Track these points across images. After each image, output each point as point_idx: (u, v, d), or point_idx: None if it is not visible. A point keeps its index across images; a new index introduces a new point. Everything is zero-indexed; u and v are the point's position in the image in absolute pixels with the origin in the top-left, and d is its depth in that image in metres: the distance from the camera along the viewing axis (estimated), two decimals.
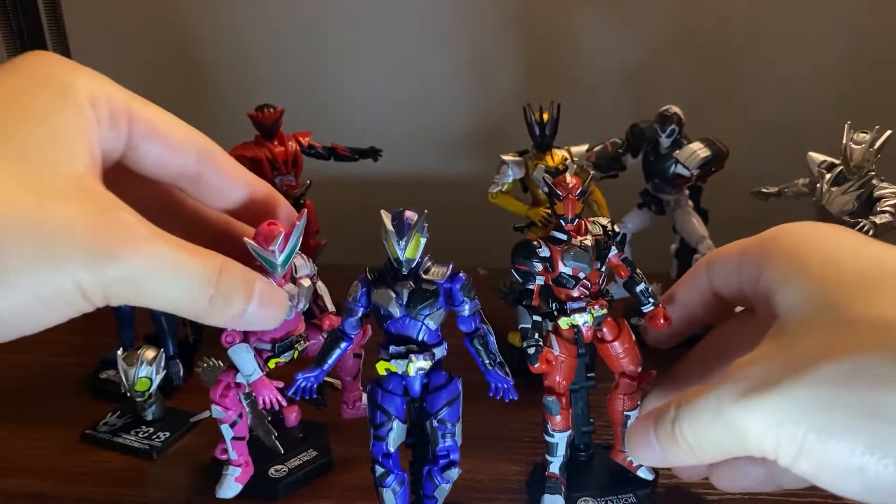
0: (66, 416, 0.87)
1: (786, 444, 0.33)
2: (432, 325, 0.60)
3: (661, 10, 1.25)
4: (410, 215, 0.58)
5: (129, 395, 0.83)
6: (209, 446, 0.81)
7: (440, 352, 0.61)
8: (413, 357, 0.59)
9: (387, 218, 0.58)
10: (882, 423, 0.30)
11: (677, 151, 0.89)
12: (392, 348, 0.60)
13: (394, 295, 0.59)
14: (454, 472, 0.63)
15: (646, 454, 0.43)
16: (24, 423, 0.87)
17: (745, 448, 0.35)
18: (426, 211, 0.58)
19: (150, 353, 0.81)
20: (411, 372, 0.59)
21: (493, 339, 0.62)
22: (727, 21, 1.25)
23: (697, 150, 0.88)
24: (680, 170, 0.89)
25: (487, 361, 0.61)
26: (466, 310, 0.61)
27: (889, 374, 0.31)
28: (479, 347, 0.62)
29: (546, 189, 0.64)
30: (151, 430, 0.83)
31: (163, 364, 0.83)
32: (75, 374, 0.94)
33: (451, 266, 0.60)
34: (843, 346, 0.33)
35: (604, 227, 0.66)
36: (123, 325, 0.93)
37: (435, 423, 0.61)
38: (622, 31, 1.28)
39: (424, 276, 0.59)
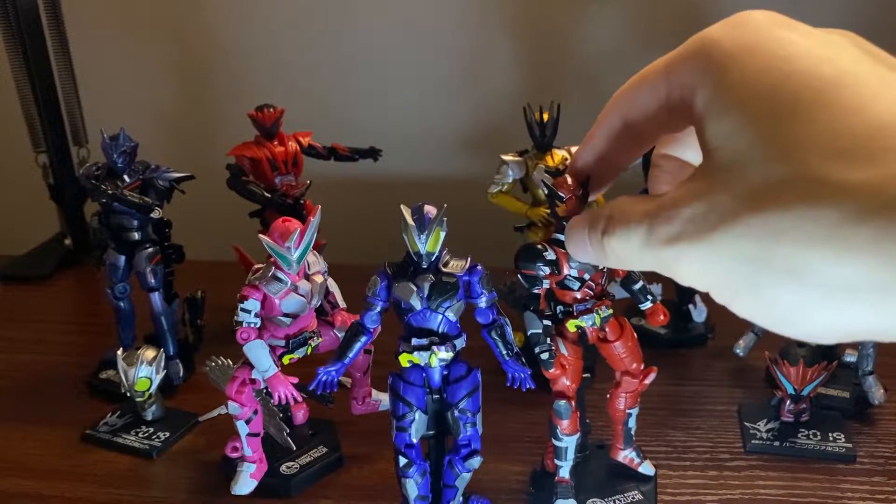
0: (66, 416, 0.87)
1: (717, 291, 0.34)
2: (452, 316, 0.61)
3: (662, 8, 1.25)
4: (430, 209, 0.59)
5: (129, 395, 0.83)
6: (209, 446, 0.81)
7: (460, 343, 0.62)
8: (435, 349, 0.60)
9: (407, 212, 0.59)
10: (803, 283, 0.30)
11: None
12: (414, 340, 0.61)
13: (415, 288, 0.60)
14: (476, 461, 0.64)
15: (579, 254, 0.42)
16: (24, 423, 0.86)
17: (677, 279, 0.35)
18: (445, 205, 0.59)
19: (149, 354, 0.81)
20: (434, 363, 0.60)
21: (509, 329, 0.63)
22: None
23: None
24: None
25: (505, 352, 0.62)
26: (484, 301, 0.62)
27: (811, 233, 0.30)
28: (497, 338, 0.62)
29: (546, 191, 0.64)
30: (151, 430, 0.83)
31: (163, 364, 0.83)
32: (75, 374, 0.94)
33: (468, 259, 0.62)
34: (770, 196, 0.31)
35: None
36: (123, 325, 0.93)
37: (456, 413, 0.62)
38: (622, 29, 1.28)
39: (444, 270, 0.61)
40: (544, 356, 0.63)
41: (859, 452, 0.77)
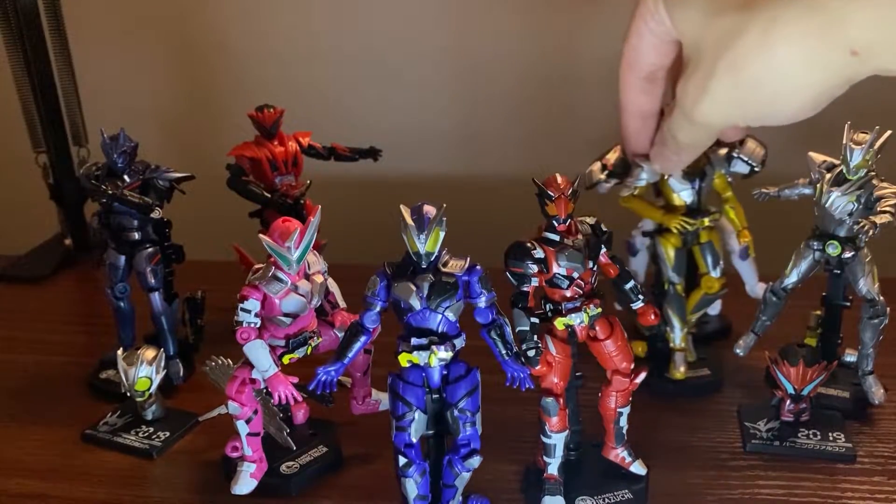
0: (66, 416, 0.87)
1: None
2: (451, 316, 0.61)
3: None
4: (430, 209, 0.59)
5: (129, 395, 0.83)
6: (209, 446, 0.81)
7: (459, 342, 0.62)
8: (435, 348, 0.60)
9: (406, 212, 0.59)
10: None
11: (739, 148, 0.88)
12: (414, 340, 0.61)
13: (414, 288, 0.60)
14: (475, 461, 0.64)
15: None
16: (24, 423, 0.87)
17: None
18: (444, 205, 0.59)
19: (150, 353, 0.82)
20: (433, 363, 0.61)
21: (509, 329, 0.63)
22: None
23: (756, 147, 0.88)
24: (740, 167, 0.88)
25: (504, 352, 0.63)
26: (483, 301, 0.62)
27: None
28: (496, 338, 0.63)
29: (536, 189, 0.65)
30: (151, 430, 0.83)
31: (163, 364, 0.83)
32: (75, 374, 0.94)
33: (468, 259, 0.62)
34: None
35: (592, 226, 0.67)
36: (123, 324, 0.93)
37: (456, 413, 0.63)
38: (621, 30, 1.28)
39: (443, 270, 0.61)
40: (531, 353, 0.64)
41: (859, 452, 0.77)
